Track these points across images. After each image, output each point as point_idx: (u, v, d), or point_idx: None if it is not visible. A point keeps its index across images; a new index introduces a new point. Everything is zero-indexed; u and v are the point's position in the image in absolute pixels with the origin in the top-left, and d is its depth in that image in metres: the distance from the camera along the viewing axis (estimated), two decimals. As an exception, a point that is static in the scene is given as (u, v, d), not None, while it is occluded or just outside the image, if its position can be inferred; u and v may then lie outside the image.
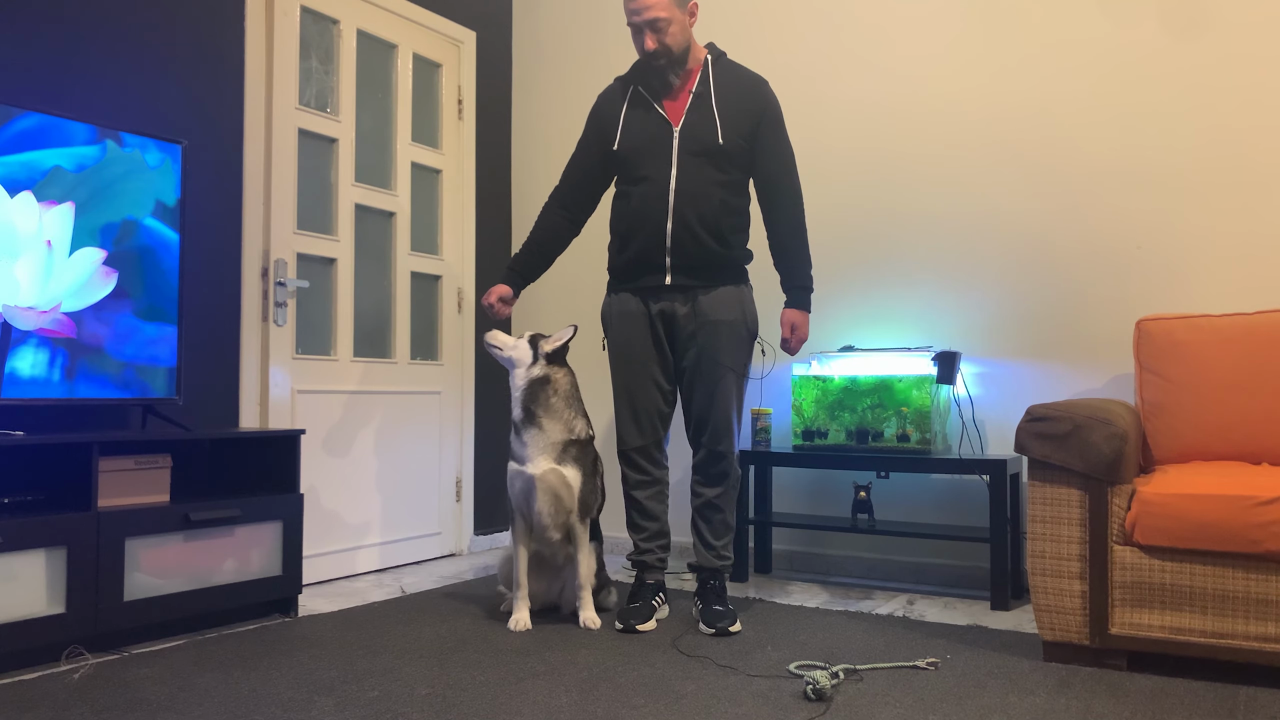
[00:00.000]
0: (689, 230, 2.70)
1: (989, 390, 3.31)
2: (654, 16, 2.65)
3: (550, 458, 2.66)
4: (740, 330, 2.76)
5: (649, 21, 2.66)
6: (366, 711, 1.96)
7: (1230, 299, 2.96)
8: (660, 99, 2.78)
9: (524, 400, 2.69)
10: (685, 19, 2.72)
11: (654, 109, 2.77)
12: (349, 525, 3.47)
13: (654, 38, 2.68)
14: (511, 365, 2.74)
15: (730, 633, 2.61)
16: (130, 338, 2.66)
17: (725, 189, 2.74)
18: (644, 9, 2.65)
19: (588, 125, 2.92)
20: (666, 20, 2.66)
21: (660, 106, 2.77)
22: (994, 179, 3.32)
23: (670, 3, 2.66)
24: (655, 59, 2.71)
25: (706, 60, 2.79)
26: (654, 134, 2.75)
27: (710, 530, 2.80)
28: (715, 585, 2.77)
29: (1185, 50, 3.04)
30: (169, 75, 2.98)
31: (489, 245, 4.18)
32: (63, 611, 2.29)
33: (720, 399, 2.74)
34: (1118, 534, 2.27)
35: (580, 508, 2.69)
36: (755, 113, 2.75)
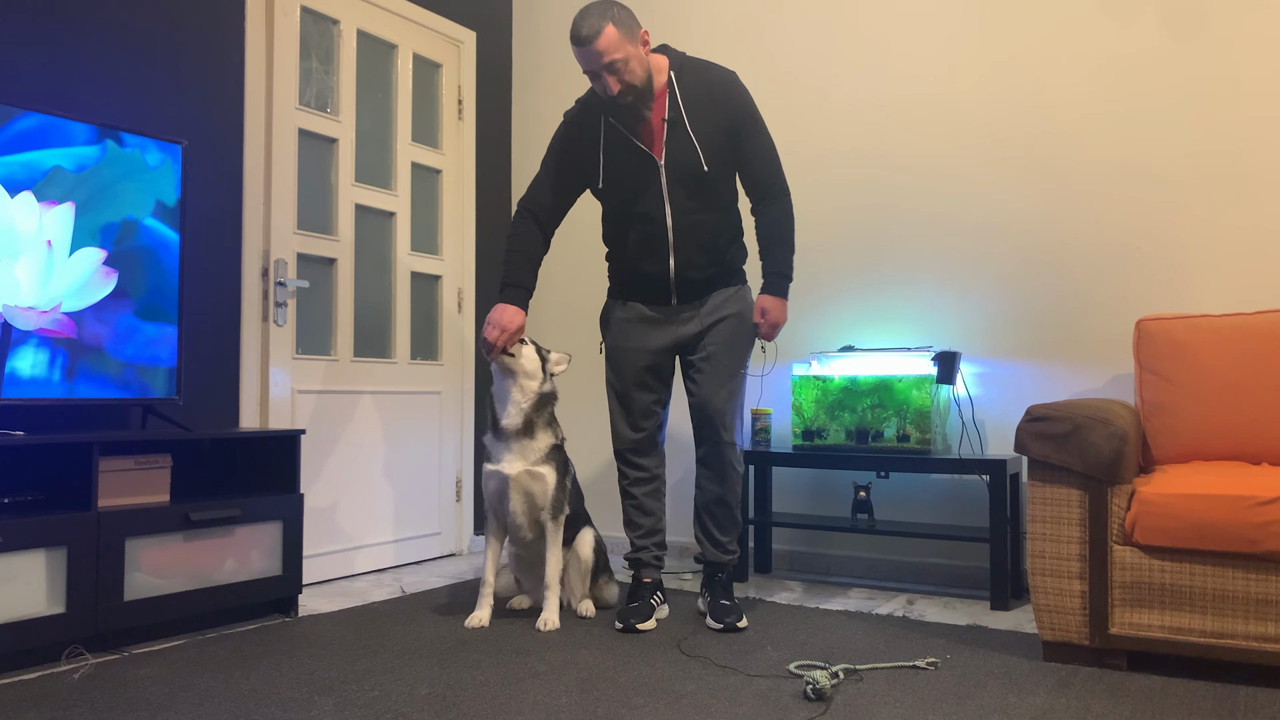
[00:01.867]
0: (691, 265, 2.74)
1: (989, 390, 3.31)
2: (610, 60, 2.53)
3: (527, 460, 2.70)
4: (739, 326, 2.77)
5: (606, 66, 2.54)
6: (366, 711, 1.96)
7: (1230, 299, 2.96)
8: (636, 131, 2.69)
9: (528, 411, 2.71)
10: (640, 50, 2.60)
11: (633, 144, 2.69)
12: (349, 525, 3.47)
13: (615, 79, 2.56)
14: (520, 376, 2.73)
15: (738, 628, 2.62)
16: (130, 338, 2.66)
17: (720, 211, 2.75)
18: (597, 55, 2.53)
19: (557, 146, 2.80)
20: (623, 59, 2.54)
21: (638, 139, 2.69)
22: (994, 178, 3.32)
23: (622, 40, 2.54)
24: (623, 98, 2.59)
25: (670, 78, 2.68)
26: (639, 170, 2.70)
27: (716, 525, 2.81)
28: (722, 579, 2.79)
29: (1185, 50, 3.04)
30: (169, 75, 2.98)
31: (489, 245, 4.18)
32: (63, 611, 2.29)
33: (721, 393, 2.74)
34: (1118, 534, 2.27)
35: (553, 506, 2.72)
36: (730, 120, 2.68)
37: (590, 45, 2.52)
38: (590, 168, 2.76)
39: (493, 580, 2.78)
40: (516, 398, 2.70)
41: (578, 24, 2.54)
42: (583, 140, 2.76)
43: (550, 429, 2.76)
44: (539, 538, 2.77)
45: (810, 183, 3.62)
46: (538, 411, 2.72)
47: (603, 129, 2.73)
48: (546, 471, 2.71)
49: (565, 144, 2.79)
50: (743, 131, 2.71)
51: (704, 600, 2.79)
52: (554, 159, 2.82)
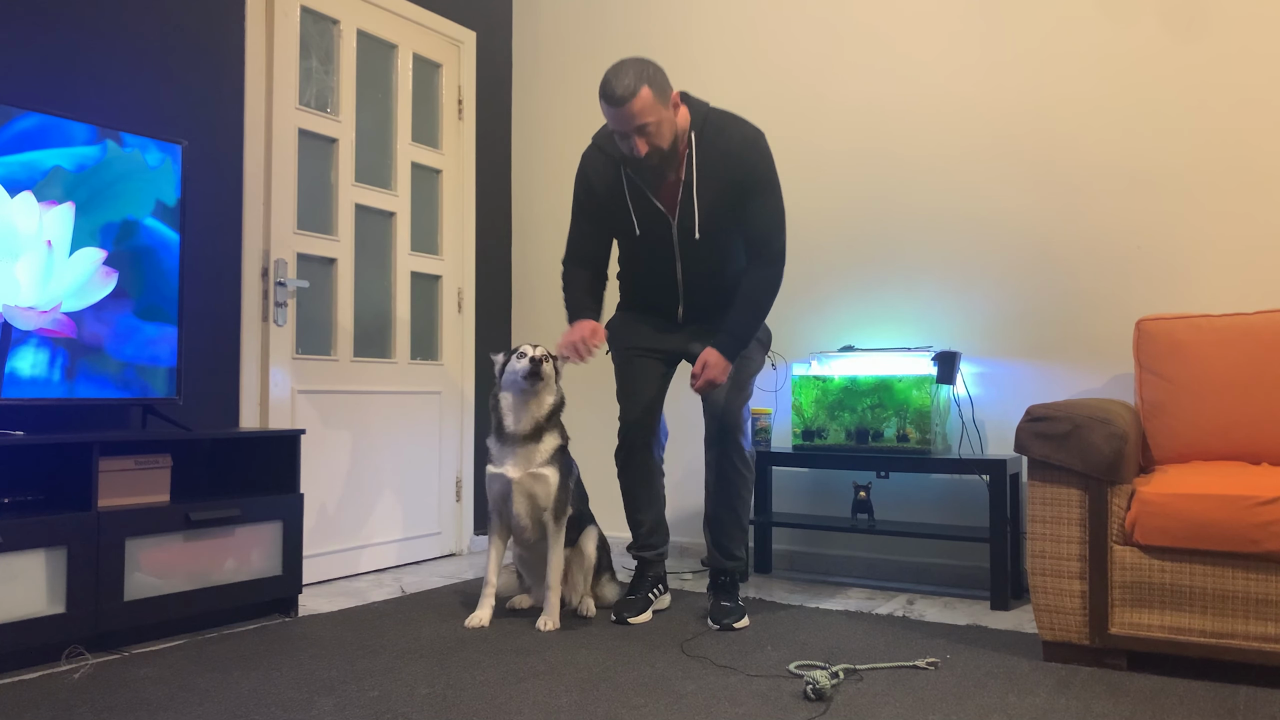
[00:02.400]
0: (699, 302, 2.82)
1: (989, 390, 3.31)
2: (643, 123, 2.49)
3: (531, 464, 2.70)
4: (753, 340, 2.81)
5: (638, 128, 2.50)
6: (366, 711, 1.96)
7: (1230, 299, 2.96)
8: (655, 188, 2.69)
9: (541, 420, 2.71)
10: (671, 114, 2.56)
11: (650, 200, 2.69)
12: (349, 525, 3.47)
13: (644, 142, 2.52)
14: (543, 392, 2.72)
15: (734, 628, 2.63)
16: (130, 338, 2.66)
17: (728, 263, 2.78)
18: (631, 117, 2.48)
19: (581, 195, 2.78)
20: (655, 123, 2.50)
21: (655, 198, 2.69)
22: (994, 179, 3.32)
23: (655, 104, 2.49)
24: (649, 160, 2.56)
25: (691, 139, 2.63)
26: (654, 225, 2.73)
27: (724, 531, 2.82)
28: (725, 582, 2.81)
29: (1185, 50, 3.04)
30: (169, 75, 2.98)
31: (489, 245, 4.18)
32: (63, 611, 2.29)
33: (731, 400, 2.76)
34: (1118, 534, 2.27)
35: (555, 507, 2.72)
36: (742, 185, 2.65)
37: (624, 106, 2.46)
38: (621, 216, 2.74)
39: (495, 580, 2.78)
40: (533, 410, 2.70)
41: (611, 82, 2.47)
42: (605, 186, 2.73)
43: (556, 431, 2.76)
44: (542, 538, 2.77)
45: (810, 182, 3.62)
46: (549, 419, 2.74)
47: (624, 181, 2.70)
48: (549, 473, 2.71)
49: (590, 196, 2.77)
50: (750, 197, 2.67)
51: (709, 601, 2.81)
52: (583, 213, 2.80)
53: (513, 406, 2.70)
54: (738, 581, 2.84)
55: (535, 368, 2.63)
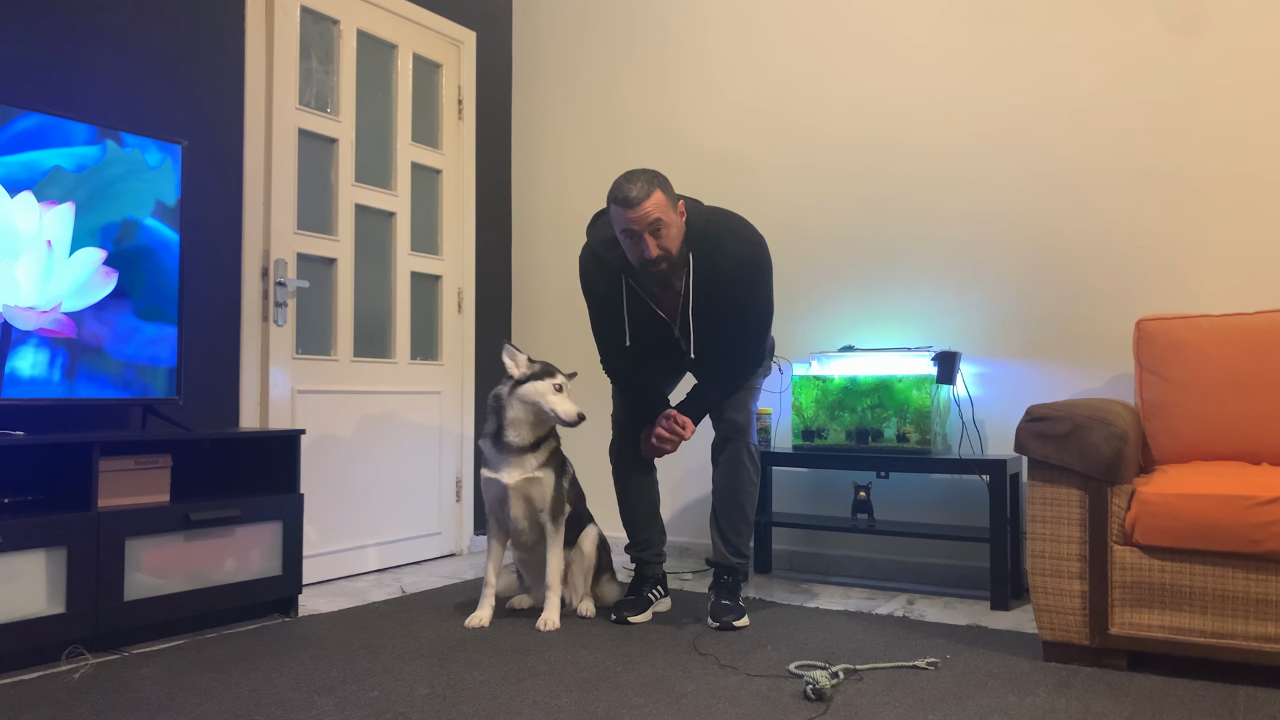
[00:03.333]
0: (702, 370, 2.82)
1: (989, 390, 3.31)
2: (655, 220, 2.50)
3: (526, 469, 2.71)
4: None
5: (650, 226, 2.50)
6: (366, 711, 1.96)
7: (1230, 299, 2.96)
8: (655, 295, 2.70)
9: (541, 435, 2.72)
10: (679, 220, 2.59)
11: (652, 310, 2.71)
12: (349, 525, 3.47)
13: (655, 243, 2.52)
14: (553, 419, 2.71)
15: (734, 627, 2.63)
16: (130, 338, 2.66)
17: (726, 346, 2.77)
18: (644, 216, 2.49)
19: (591, 297, 2.80)
20: (666, 224, 2.52)
21: (658, 307, 2.70)
22: (994, 178, 3.32)
23: (667, 205, 2.53)
24: (656, 265, 2.56)
25: (690, 260, 2.63)
26: (656, 332, 2.74)
27: (729, 524, 2.82)
28: (728, 581, 2.80)
29: (1185, 50, 3.04)
30: (169, 75, 2.98)
31: (489, 245, 4.18)
32: (63, 611, 2.29)
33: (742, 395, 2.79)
34: (1118, 534, 2.27)
35: (552, 508, 2.72)
36: (738, 302, 2.68)
37: (639, 207, 2.48)
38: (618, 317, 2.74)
39: (495, 581, 2.78)
40: (537, 429, 2.71)
41: (624, 186, 2.50)
42: (607, 289, 2.74)
43: (551, 436, 2.77)
44: (540, 540, 2.77)
45: (810, 182, 3.62)
46: (548, 433, 2.76)
47: (624, 289, 2.71)
48: (544, 476, 2.71)
49: (594, 290, 2.77)
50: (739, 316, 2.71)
51: (709, 599, 2.82)
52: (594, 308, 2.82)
53: (518, 421, 2.68)
54: (740, 581, 2.84)
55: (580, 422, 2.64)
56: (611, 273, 2.71)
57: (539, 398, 2.65)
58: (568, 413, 2.63)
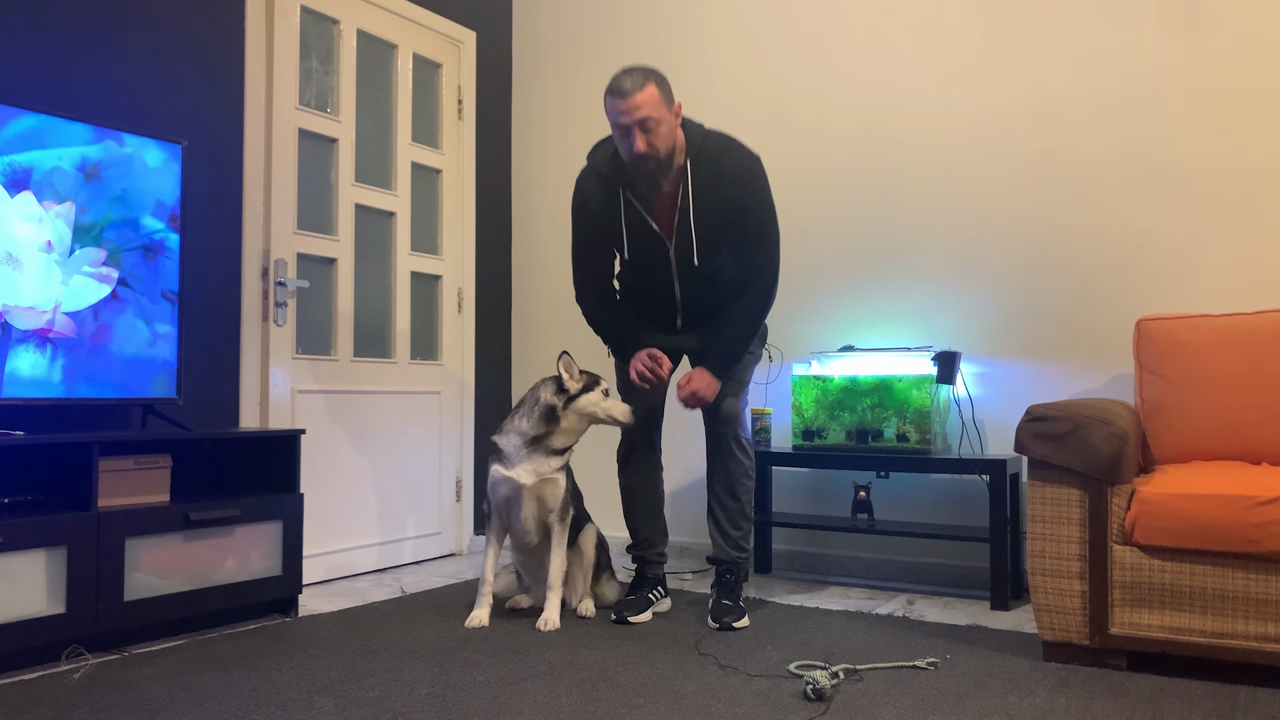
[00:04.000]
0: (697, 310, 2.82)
1: (989, 390, 3.31)
2: (644, 115, 2.50)
3: (544, 470, 2.71)
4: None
5: (639, 121, 2.51)
6: (366, 711, 1.96)
7: (1230, 299, 2.96)
8: (651, 207, 2.69)
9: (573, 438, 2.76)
10: (673, 120, 2.59)
11: (646, 221, 2.70)
12: (349, 525, 3.47)
13: (644, 139, 2.52)
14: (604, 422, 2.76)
15: (734, 628, 2.63)
16: (130, 337, 2.66)
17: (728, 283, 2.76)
18: (634, 108, 2.50)
19: (580, 219, 2.78)
20: (656, 120, 2.52)
21: (652, 218, 2.69)
22: (994, 178, 3.32)
23: (659, 102, 2.53)
24: (644, 163, 2.56)
25: (687, 165, 2.64)
26: (652, 248, 2.73)
27: (728, 519, 2.82)
28: (729, 580, 2.79)
29: (1185, 49, 3.04)
30: (169, 75, 2.98)
31: (489, 245, 4.18)
32: (63, 611, 2.29)
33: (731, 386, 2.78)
34: (1118, 534, 2.27)
35: (561, 508, 2.74)
36: (738, 208, 2.66)
37: (630, 97, 2.49)
38: (616, 237, 2.75)
39: (492, 580, 2.78)
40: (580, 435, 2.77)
41: (619, 78, 2.52)
42: (601, 208, 2.73)
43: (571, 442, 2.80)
44: (544, 541, 2.77)
45: (810, 182, 3.62)
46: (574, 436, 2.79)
47: (621, 203, 2.71)
48: (560, 477, 2.74)
49: (586, 210, 2.76)
50: (743, 225, 2.69)
51: (710, 599, 2.81)
52: (580, 232, 2.80)
53: (572, 431, 2.73)
54: (741, 578, 2.83)
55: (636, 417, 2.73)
56: (609, 187, 2.71)
57: (594, 408, 2.71)
58: (624, 414, 2.73)
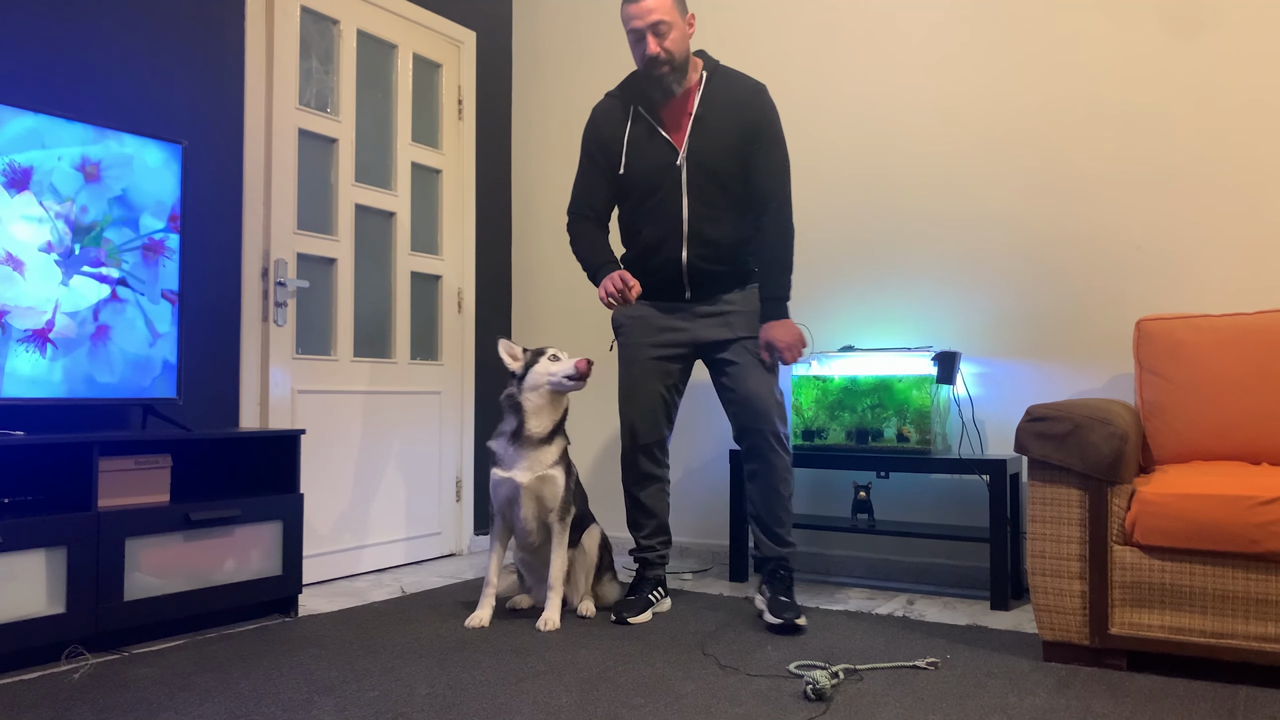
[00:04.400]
0: (703, 257, 2.76)
1: (989, 390, 3.31)
2: (657, 19, 2.62)
3: (541, 466, 2.71)
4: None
5: (651, 25, 2.63)
6: (366, 711, 1.96)
7: (1230, 299, 2.96)
8: (662, 119, 2.74)
9: (557, 422, 2.74)
10: (685, 27, 2.70)
11: (658, 133, 2.74)
12: (349, 525, 3.47)
13: (656, 42, 2.64)
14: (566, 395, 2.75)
15: (797, 625, 2.58)
16: (130, 338, 2.66)
17: (734, 210, 2.76)
18: (646, 12, 2.62)
19: (587, 142, 2.87)
20: (669, 24, 2.63)
21: (663, 129, 2.74)
22: (994, 179, 3.32)
23: (672, 6, 2.64)
24: (657, 65, 2.66)
25: (702, 76, 2.75)
26: (660, 160, 2.74)
27: (771, 517, 2.78)
28: (784, 576, 2.76)
29: (1185, 50, 3.04)
30: (169, 75, 2.98)
31: (489, 245, 4.18)
32: (63, 611, 2.29)
33: (758, 383, 2.75)
34: (1118, 534, 2.27)
35: (561, 507, 2.73)
36: (751, 127, 2.73)
37: (643, 1, 2.61)
38: (615, 154, 2.79)
39: (496, 581, 2.78)
40: (554, 413, 2.73)
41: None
42: (611, 125, 2.81)
43: (563, 435, 2.79)
44: (546, 540, 2.77)
45: (810, 182, 3.62)
46: (562, 421, 2.77)
47: (630, 117, 2.77)
48: (558, 474, 2.73)
49: (595, 131, 2.85)
50: (760, 141, 2.74)
51: (762, 597, 2.74)
52: (586, 156, 2.88)
53: (539, 409, 2.71)
54: (792, 574, 2.79)
55: (588, 369, 2.66)
56: (621, 104, 2.81)
57: (545, 376, 2.70)
58: (574, 367, 2.68)
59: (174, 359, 2.76)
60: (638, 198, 2.80)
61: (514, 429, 2.72)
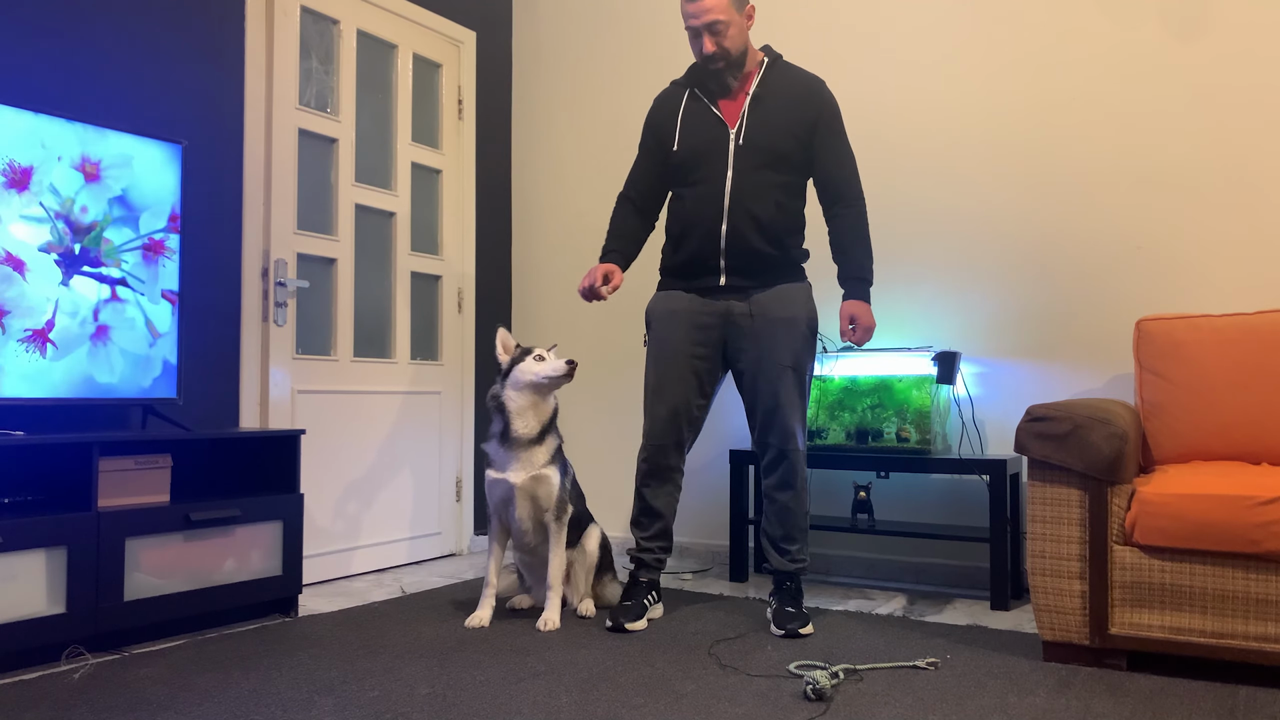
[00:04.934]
0: (743, 233, 2.71)
1: (989, 390, 3.31)
2: (713, 19, 2.64)
3: (534, 466, 2.70)
4: (800, 327, 2.73)
5: (708, 25, 2.65)
6: (366, 711, 1.96)
7: (1230, 299, 2.96)
8: (717, 101, 2.78)
9: (546, 422, 2.74)
10: (743, 21, 2.71)
11: (710, 110, 2.76)
12: (349, 525, 3.47)
13: (713, 40, 2.66)
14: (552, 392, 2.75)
15: (800, 634, 2.57)
16: (130, 338, 2.66)
17: (781, 191, 2.73)
18: (703, 11, 2.64)
19: (645, 130, 2.91)
20: (725, 23, 2.65)
21: (717, 108, 2.76)
22: (994, 179, 3.32)
23: (729, 5, 2.65)
24: (713, 62, 2.70)
25: (763, 63, 2.78)
26: (711, 136, 2.75)
27: (784, 534, 2.76)
28: (791, 587, 2.74)
29: (1185, 50, 3.04)
30: (169, 75, 2.98)
31: (489, 245, 4.18)
32: (63, 611, 2.29)
33: (784, 398, 2.70)
34: (1118, 534, 2.27)
35: (556, 506, 2.73)
36: (812, 114, 2.74)
37: (700, 0, 2.63)
38: (669, 134, 2.82)
39: (495, 581, 2.78)
40: (541, 412, 2.72)
41: None
42: (668, 108, 2.85)
43: (554, 434, 2.78)
44: (543, 541, 2.77)
45: (810, 183, 3.62)
46: (551, 421, 2.76)
47: (685, 99, 2.81)
48: (551, 473, 2.72)
49: (652, 117, 2.89)
50: (825, 132, 2.76)
51: (770, 608, 2.73)
52: (642, 141, 2.92)
53: (522, 409, 2.70)
54: (801, 586, 2.79)
55: (572, 369, 2.66)
56: (677, 90, 2.85)
57: (529, 375, 2.70)
58: (555, 369, 2.68)
59: (174, 359, 2.76)
60: (686, 174, 2.80)
61: (501, 430, 2.72)
